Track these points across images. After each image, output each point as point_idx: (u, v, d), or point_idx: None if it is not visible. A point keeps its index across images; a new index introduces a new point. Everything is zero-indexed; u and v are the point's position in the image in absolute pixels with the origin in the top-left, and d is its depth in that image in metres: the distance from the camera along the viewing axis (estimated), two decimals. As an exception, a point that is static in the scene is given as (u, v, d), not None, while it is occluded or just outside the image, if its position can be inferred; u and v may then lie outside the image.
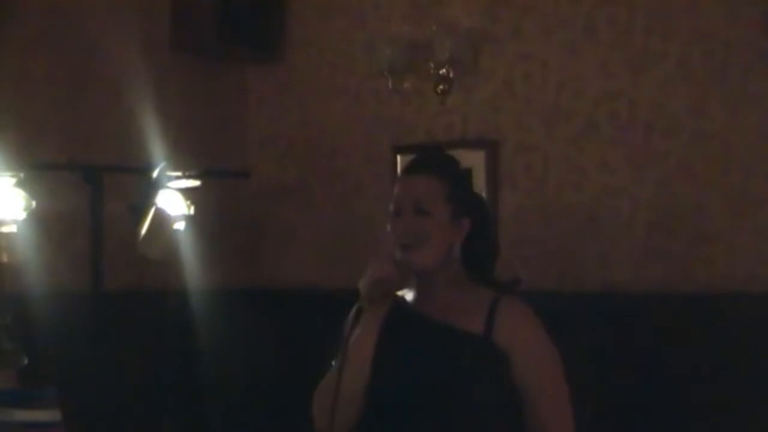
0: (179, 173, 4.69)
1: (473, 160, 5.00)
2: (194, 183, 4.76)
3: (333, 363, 2.75)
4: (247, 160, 5.73)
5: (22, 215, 4.26)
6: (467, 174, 2.97)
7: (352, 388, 2.66)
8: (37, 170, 4.35)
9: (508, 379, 2.71)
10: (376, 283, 2.69)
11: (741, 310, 4.26)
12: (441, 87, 5.04)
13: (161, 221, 4.64)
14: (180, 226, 4.71)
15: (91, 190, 4.65)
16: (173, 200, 4.68)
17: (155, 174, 4.63)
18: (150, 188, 4.65)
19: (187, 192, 4.73)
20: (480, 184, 4.97)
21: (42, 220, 4.37)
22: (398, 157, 5.24)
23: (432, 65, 5.03)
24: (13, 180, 4.23)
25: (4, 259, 4.27)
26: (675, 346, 4.39)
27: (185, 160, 4.78)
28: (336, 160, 5.56)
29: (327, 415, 2.62)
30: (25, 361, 2.69)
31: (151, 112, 4.94)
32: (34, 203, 4.27)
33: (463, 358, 2.70)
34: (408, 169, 2.86)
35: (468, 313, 2.74)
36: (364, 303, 2.69)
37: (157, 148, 4.79)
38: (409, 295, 2.84)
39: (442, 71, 5.02)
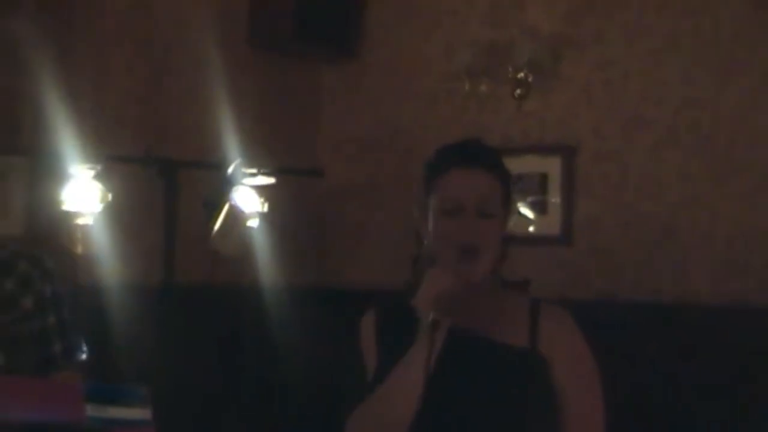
0: (254, 170, 4.69)
1: (549, 166, 4.97)
2: (269, 180, 4.76)
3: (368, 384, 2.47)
4: (319, 158, 5.71)
5: (98, 207, 4.29)
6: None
7: (400, 418, 2.37)
8: (114, 163, 4.37)
9: (554, 389, 2.49)
10: (445, 298, 2.34)
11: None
12: (519, 91, 5.00)
13: (235, 217, 4.65)
14: (253, 222, 4.70)
15: (166, 184, 4.66)
16: (247, 197, 4.68)
17: (230, 170, 4.63)
18: (225, 184, 4.66)
19: (261, 189, 4.72)
20: (555, 191, 4.93)
21: (117, 213, 4.39)
22: (472, 161, 5.19)
23: (510, 69, 5.00)
24: (91, 172, 4.26)
25: (80, 250, 4.30)
26: (753, 360, 4.31)
27: (259, 156, 4.78)
28: (409, 162, 5.52)
29: None
30: (82, 357, 2.68)
31: (227, 108, 4.94)
32: (110, 196, 4.29)
33: (511, 375, 2.46)
34: (463, 161, 2.47)
35: (510, 323, 2.50)
36: (430, 312, 2.32)
37: (232, 144, 4.78)
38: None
39: (521, 75, 4.98)
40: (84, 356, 2.70)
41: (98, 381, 2.45)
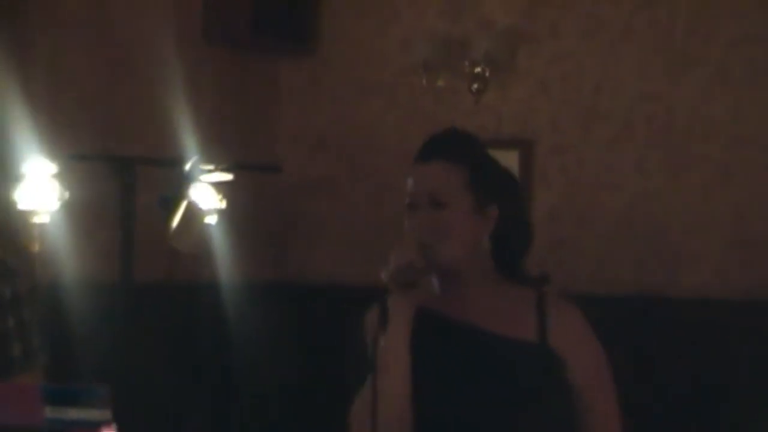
0: (211, 166, 4.67)
1: (507, 160, 4.89)
2: (226, 176, 4.74)
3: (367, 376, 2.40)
4: (277, 154, 5.70)
5: (55, 205, 4.26)
6: (487, 153, 2.54)
7: (392, 401, 2.34)
8: (70, 161, 4.33)
9: (567, 384, 2.44)
10: (400, 270, 2.35)
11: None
12: (476, 85, 5.01)
13: (193, 214, 4.63)
14: (211, 219, 4.68)
15: (123, 182, 4.63)
16: (205, 193, 4.66)
17: (188, 167, 4.61)
18: (182, 181, 4.63)
19: (219, 185, 4.71)
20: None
21: (74, 211, 4.36)
22: (430, 155, 5.20)
23: (467, 63, 5.01)
24: (47, 171, 4.23)
25: (37, 249, 4.27)
26: (711, 349, 4.35)
27: (217, 153, 4.76)
28: (367, 157, 5.53)
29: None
30: (46, 359, 2.64)
31: (184, 105, 4.91)
32: (67, 194, 4.26)
33: (522, 370, 2.42)
34: (419, 156, 2.48)
35: (514, 316, 2.44)
36: (391, 286, 2.34)
37: (189, 140, 4.76)
38: (442, 301, 2.48)
39: (478, 69, 4.99)
40: (45, 358, 2.65)
41: (56, 381, 2.44)
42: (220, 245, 4.82)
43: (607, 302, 4.58)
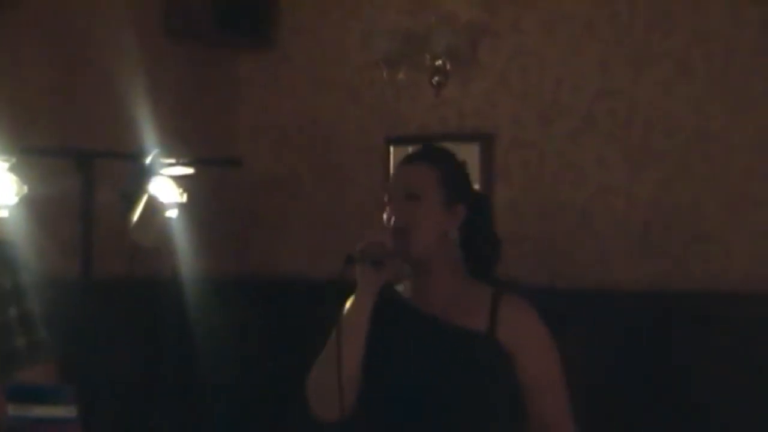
0: (172, 160, 4.64)
1: (468, 153, 4.97)
2: (187, 170, 4.71)
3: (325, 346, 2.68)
4: (238, 148, 5.68)
5: (13, 200, 4.22)
6: (463, 165, 2.89)
7: (351, 363, 2.60)
8: (28, 155, 4.29)
9: (513, 378, 2.67)
10: (371, 246, 2.62)
11: (737, 310, 4.26)
12: (437, 79, 5.01)
13: (153, 209, 4.60)
14: (172, 213, 4.66)
15: (82, 176, 4.60)
16: (165, 187, 4.63)
17: (148, 161, 4.58)
18: (142, 175, 4.60)
19: (179, 179, 4.68)
20: (474, 179, 4.94)
21: (33, 206, 4.32)
22: (391, 149, 5.21)
23: (428, 57, 5.01)
24: (5, 164, 4.18)
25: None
26: (670, 344, 4.38)
27: (177, 147, 4.73)
28: (329, 151, 5.52)
29: (328, 394, 2.56)
30: (57, 354, 2.58)
31: (144, 99, 4.88)
32: (25, 188, 4.22)
33: (467, 357, 2.65)
34: (403, 160, 2.81)
35: (470, 309, 2.69)
36: (360, 260, 2.61)
37: (149, 134, 4.73)
38: (407, 288, 2.78)
39: (438, 63, 4.99)
40: (55, 352, 2.59)
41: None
42: (181, 240, 4.80)
43: (568, 296, 4.61)
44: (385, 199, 2.74)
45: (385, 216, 2.72)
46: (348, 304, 2.66)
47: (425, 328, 2.70)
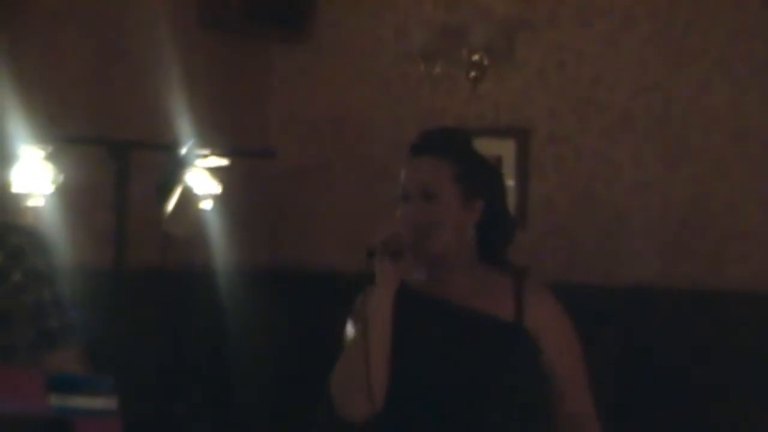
0: (206, 151, 4.65)
1: (503, 148, 4.96)
2: (221, 162, 4.72)
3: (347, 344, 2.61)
4: (272, 140, 5.67)
5: (49, 189, 4.23)
6: (475, 150, 2.72)
7: (378, 359, 2.52)
8: (65, 144, 4.30)
9: (542, 369, 2.61)
10: (389, 239, 2.52)
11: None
12: (473, 73, 4.99)
13: (188, 199, 4.60)
14: (206, 204, 4.67)
15: (117, 166, 4.61)
16: (200, 178, 4.64)
17: (183, 152, 4.59)
18: (177, 166, 4.61)
19: (214, 170, 4.68)
20: (510, 174, 4.93)
21: (68, 195, 4.33)
22: (425, 143, 5.18)
23: (465, 51, 4.98)
24: (42, 153, 4.19)
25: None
26: (707, 344, 4.35)
27: (211, 138, 4.73)
28: (361, 144, 5.51)
29: (356, 393, 2.51)
30: (84, 340, 2.60)
31: (179, 89, 4.88)
32: (61, 177, 4.23)
33: (497, 346, 2.58)
34: (413, 150, 2.67)
35: (494, 298, 2.62)
36: (379, 252, 2.51)
37: (184, 125, 4.74)
38: (425, 283, 2.66)
39: (475, 58, 4.97)
40: (83, 338, 2.61)
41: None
42: (215, 231, 4.80)
43: (603, 293, 4.59)
44: (401, 195, 2.63)
45: (399, 213, 2.61)
46: (367, 299, 2.58)
47: (453, 319, 2.62)
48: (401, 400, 2.59)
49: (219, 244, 4.89)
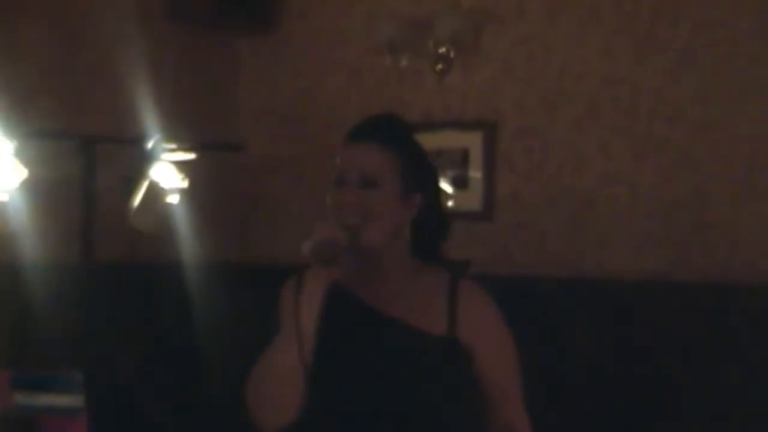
0: (173, 145, 4.63)
1: (471, 141, 4.97)
2: (189, 156, 4.71)
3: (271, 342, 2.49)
4: (240, 132, 5.66)
5: (14, 184, 4.21)
6: (417, 142, 2.59)
7: (289, 365, 2.40)
8: (30, 138, 4.28)
9: (473, 380, 2.51)
10: (322, 244, 2.37)
11: (740, 301, 4.25)
12: (440, 66, 4.99)
13: (155, 193, 4.59)
14: (173, 198, 4.65)
15: (84, 160, 4.60)
16: (167, 172, 4.63)
17: (149, 145, 4.57)
18: (144, 160, 4.60)
19: (181, 164, 4.67)
20: (477, 166, 4.94)
21: (34, 189, 4.31)
22: (394, 135, 5.17)
23: (432, 43, 4.98)
24: (6, 148, 4.17)
25: (-6, 228, 4.22)
26: (671, 334, 4.37)
27: (179, 131, 4.72)
28: (329, 136, 5.47)
29: (275, 399, 2.42)
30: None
31: (146, 82, 4.86)
32: (26, 172, 4.21)
33: (427, 362, 2.46)
34: (354, 136, 2.54)
35: (426, 305, 2.49)
36: (311, 259, 2.37)
37: (151, 118, 4.71)
38: (355, 281, 2.52)
39: (442, 50, 4.96)
40: None
41: (19, 363, 2.40)
42: (183, 225, 4.79)
43: (570, 285, 4.60)
44: (334, 180, 2.50)
45: (332, 200, 2.49)
46: (288, 297, 2.49)
47: (382, 330, 2.49)
48: (322, 411, 2.49)
49: (188, 237, 4.87)
